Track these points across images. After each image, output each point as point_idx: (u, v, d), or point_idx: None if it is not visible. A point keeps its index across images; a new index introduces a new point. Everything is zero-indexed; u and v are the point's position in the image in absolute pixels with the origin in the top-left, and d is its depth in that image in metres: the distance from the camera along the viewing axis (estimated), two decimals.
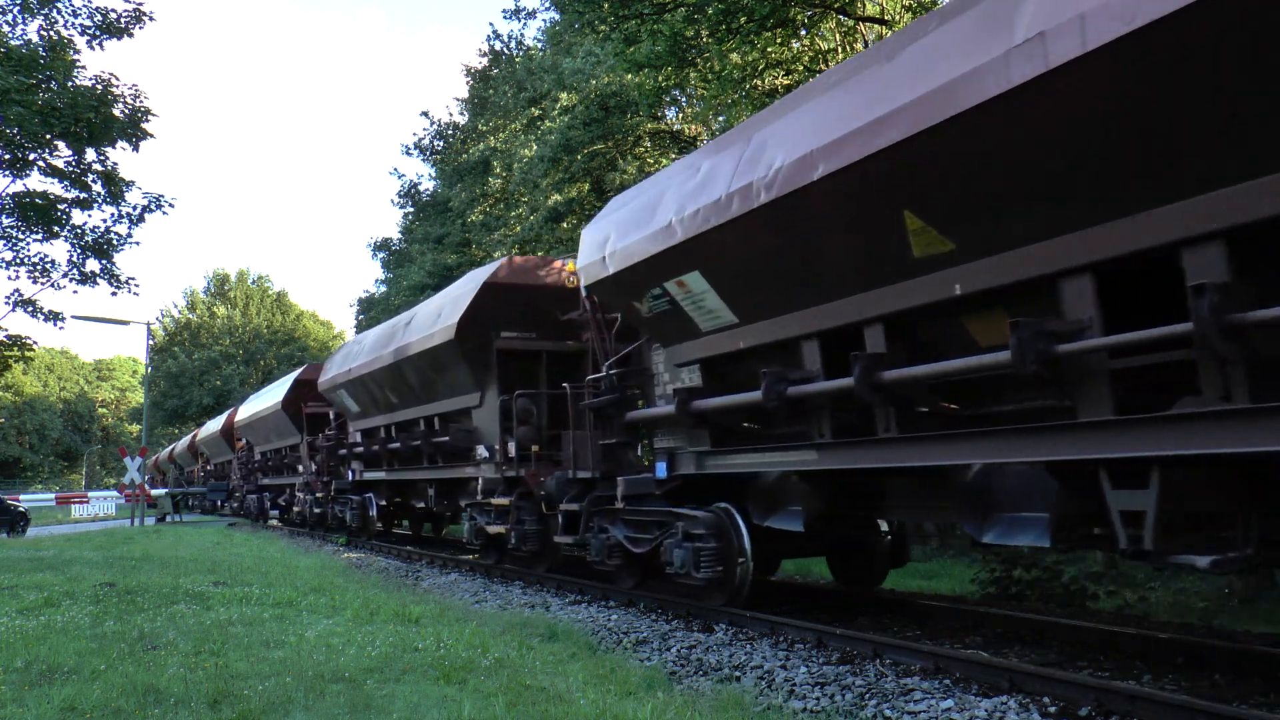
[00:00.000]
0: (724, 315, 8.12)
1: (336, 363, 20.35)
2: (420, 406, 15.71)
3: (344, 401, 19.66)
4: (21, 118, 16.46)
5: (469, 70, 35.12)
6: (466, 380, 13.65)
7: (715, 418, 8.64)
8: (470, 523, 14.11)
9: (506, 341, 13.07)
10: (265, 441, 29.54)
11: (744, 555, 8.54)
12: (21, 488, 71.88)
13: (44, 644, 6.78)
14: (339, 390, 19.48)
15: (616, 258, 9.10)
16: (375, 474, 18.38)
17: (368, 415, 18.62)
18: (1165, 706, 4.98)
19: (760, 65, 16.14)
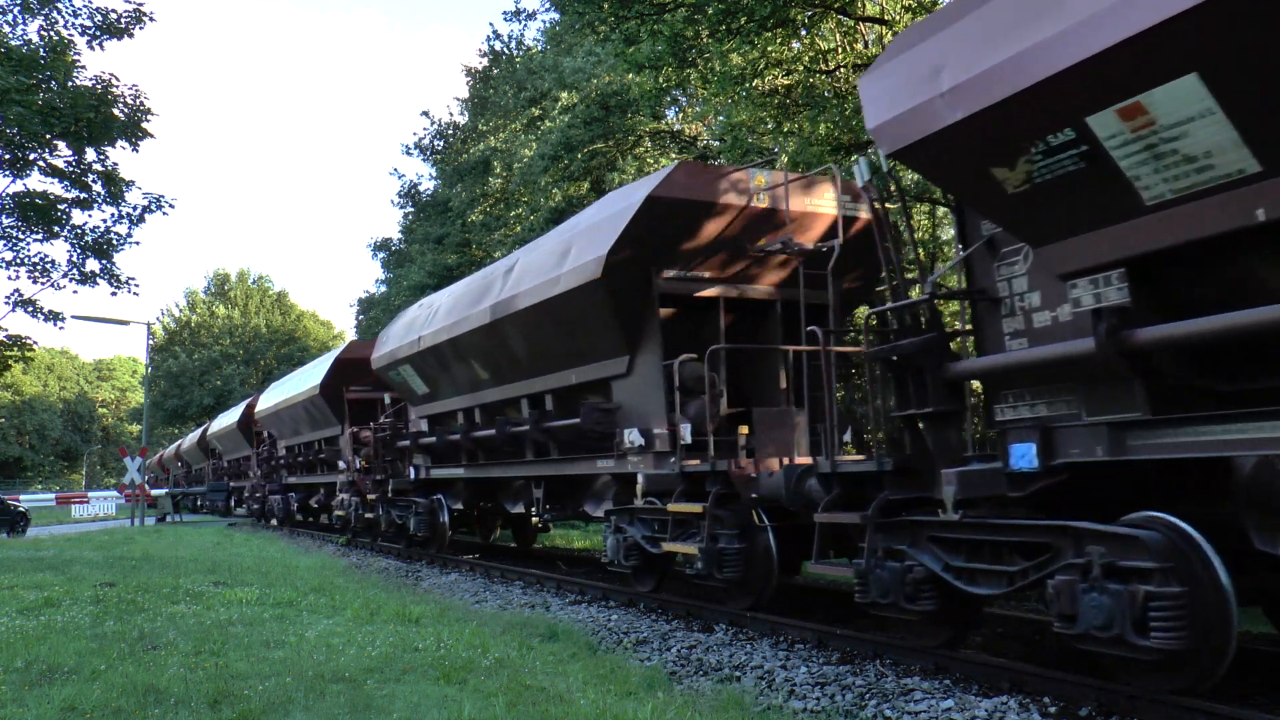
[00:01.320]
0: (1228, 159, 4.39)
1: (396, 333, 16.56)
2: (527, 381, 12.11)
3: (408, 381, 15.96)
4: (22, 118, 16.45)
5: (469, 70, 35.13)
6: (613, 339, 9.95)
7: (1181, 361, 5.04)
8: (616, 535, 10.12)
9: (673, 284, 9.52)
10: (293, 434, 25.88)
11: (1225, 612, 4.78)
12: (22, 488, 71.88)
13: (44, 644, 6.78)
14: (401, 367, 15.86)
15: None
16: (449, 470, 15.03)
17: (441, 397, 15.13)
18: (1166, 706, 4.98)
19: (760, 65, 16.13)
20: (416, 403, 16.13)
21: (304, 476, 26.88)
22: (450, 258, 32.74)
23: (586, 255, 9.76)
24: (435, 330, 14.05)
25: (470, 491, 15.34)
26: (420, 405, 15.98)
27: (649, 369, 9.55)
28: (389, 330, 17.35)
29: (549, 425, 11.35)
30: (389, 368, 16.41)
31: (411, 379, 15.71)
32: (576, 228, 10.76)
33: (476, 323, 12.43)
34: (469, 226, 30.85)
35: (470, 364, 13.38)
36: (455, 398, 14.42)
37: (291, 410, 25.93)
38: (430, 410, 15.58)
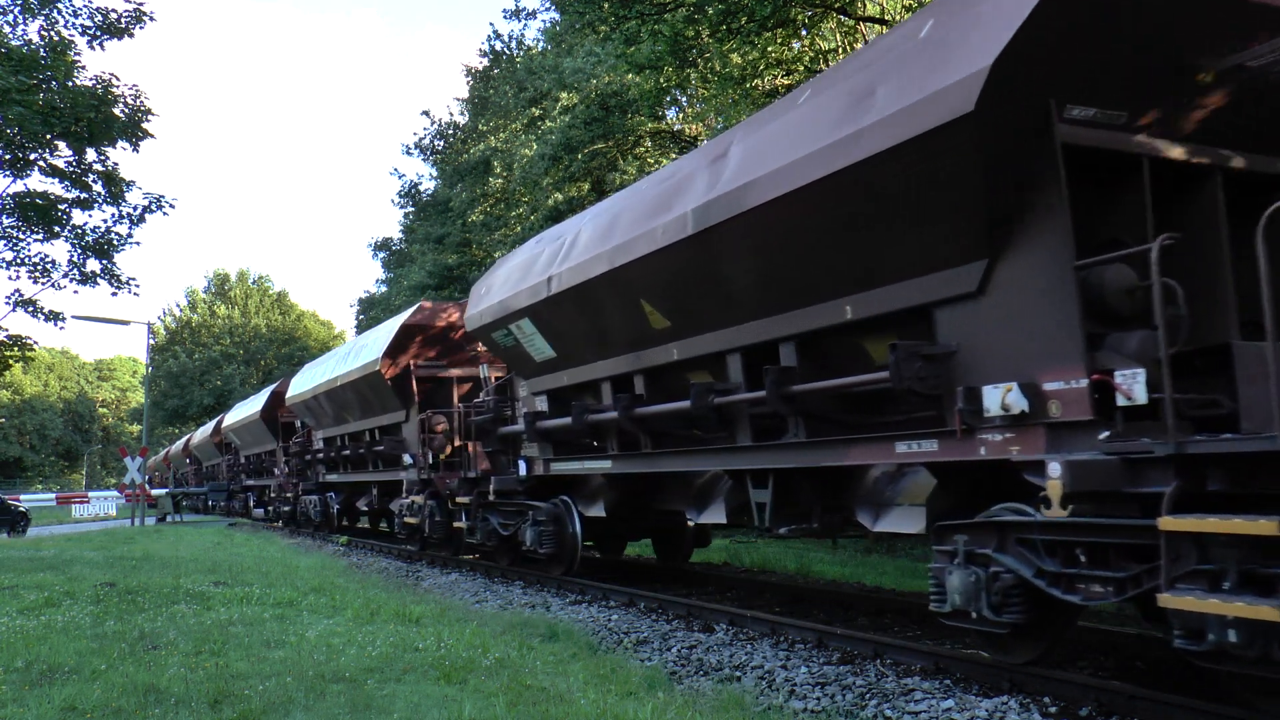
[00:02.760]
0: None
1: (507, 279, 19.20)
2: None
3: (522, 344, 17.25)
4: (22, 118, 16.45)
5: (469, 70, 35.13)
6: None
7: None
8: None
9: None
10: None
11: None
12: (22, 488, 71.86)
13: (44, 644, 6.78)
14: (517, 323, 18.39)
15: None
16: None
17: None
18: (1165, 706, 4.98)
19: (761, 65, 16.14)
20: (532, 373, 11.99)
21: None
22: (450, 258, 32.75)
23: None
24: (579, 264, 9.88)
25: (619, 493, 11.16)
26: (539, 376, 11.83)
27: (1035, 278, 5.51)
28: (490, 279, 13.02)
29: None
30: (496, 325, 12.01)
31: (532, 340, 11.47)
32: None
33: (666, 239, 8.23)
34: (469, 226, 30.85)
35: (642, 306, 9.16)
36: (606, 360, 10.23)
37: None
38: (556, 383, 11.41)
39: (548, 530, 11.34)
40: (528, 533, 11.65)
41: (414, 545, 16.98)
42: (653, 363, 9.06)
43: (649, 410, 8.97)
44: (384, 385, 16.66)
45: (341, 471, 21.09)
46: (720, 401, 7.81)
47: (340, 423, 20.62)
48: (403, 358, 16.43)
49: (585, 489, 11.32)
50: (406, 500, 16.38)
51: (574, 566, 11.42)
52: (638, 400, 9.29)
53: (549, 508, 11.44)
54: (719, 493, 9.08)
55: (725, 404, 7.80)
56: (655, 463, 9.37)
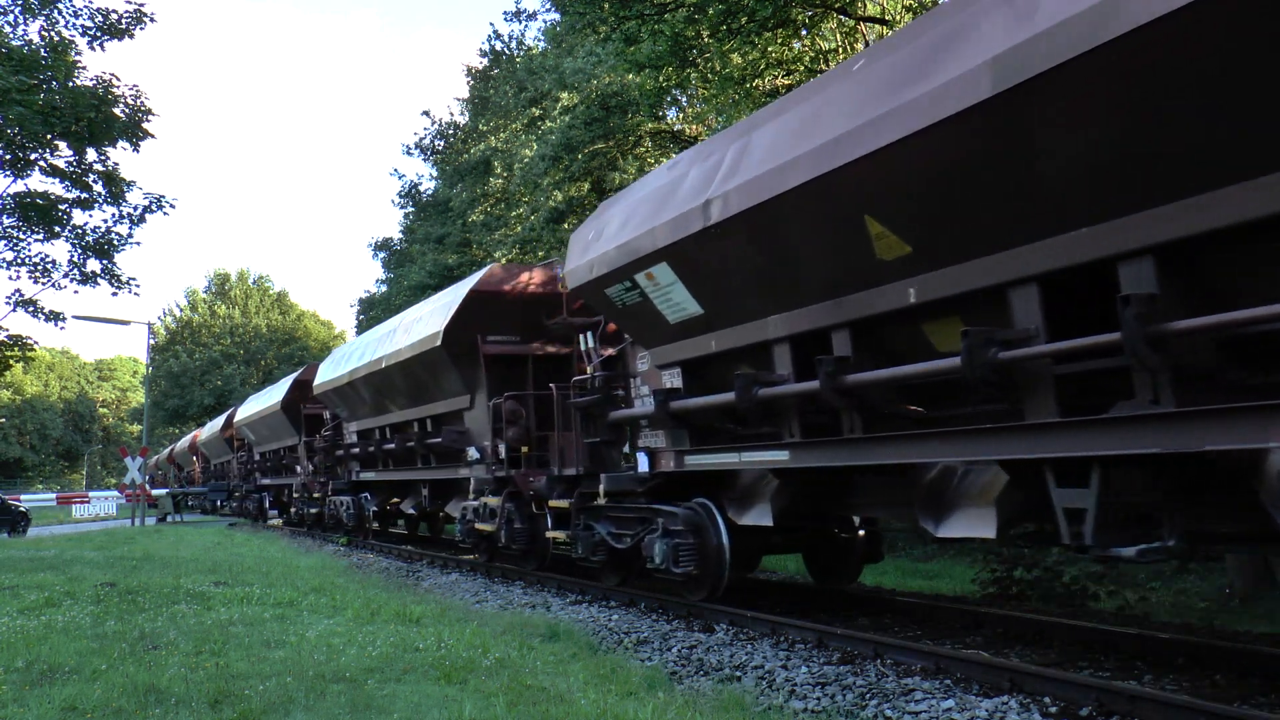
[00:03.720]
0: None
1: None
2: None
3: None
4: (23, 118, 16.46)
5: (469, 70, 35.14)
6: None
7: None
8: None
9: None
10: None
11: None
12: (22, 488, 71.89)
13: (45, 644, 6.78)
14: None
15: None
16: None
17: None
18: (1166, 706, 4.98)
19: (761, 65, 16.14)
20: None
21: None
22: (451, 258, 32.74)
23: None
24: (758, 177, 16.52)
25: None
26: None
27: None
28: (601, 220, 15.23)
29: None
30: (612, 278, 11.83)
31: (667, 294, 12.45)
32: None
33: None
34: (469, 226, 30.85)
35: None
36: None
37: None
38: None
39: (685, 544, 8.89)
40: (656, 546, 9.08)
41: (481, 555, 14.29)
42: (868, 310, 6.55)
43: (869, 378, 6.46)
44: (445, 365, 13.91)
45: (380, 468, 18.32)
46: (1008, 357, 5.41)
47: (380, 412, 17.96)
48: (469, 331, 13.36)
49: (736, 489, 9.08)
50: (475, 502, 13.81)
51: (720, 589, 8.83)
52: (843, 366, 6.66)
53: (687, 514, 9.01)
54: (976, 492, 6.52)
55: (1016, 360, 5.42)
56: (868, 452, 6.79)
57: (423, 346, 14.23)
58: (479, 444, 13.66)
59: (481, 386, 13.52)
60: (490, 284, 13.54)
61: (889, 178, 5.86)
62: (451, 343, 13.45)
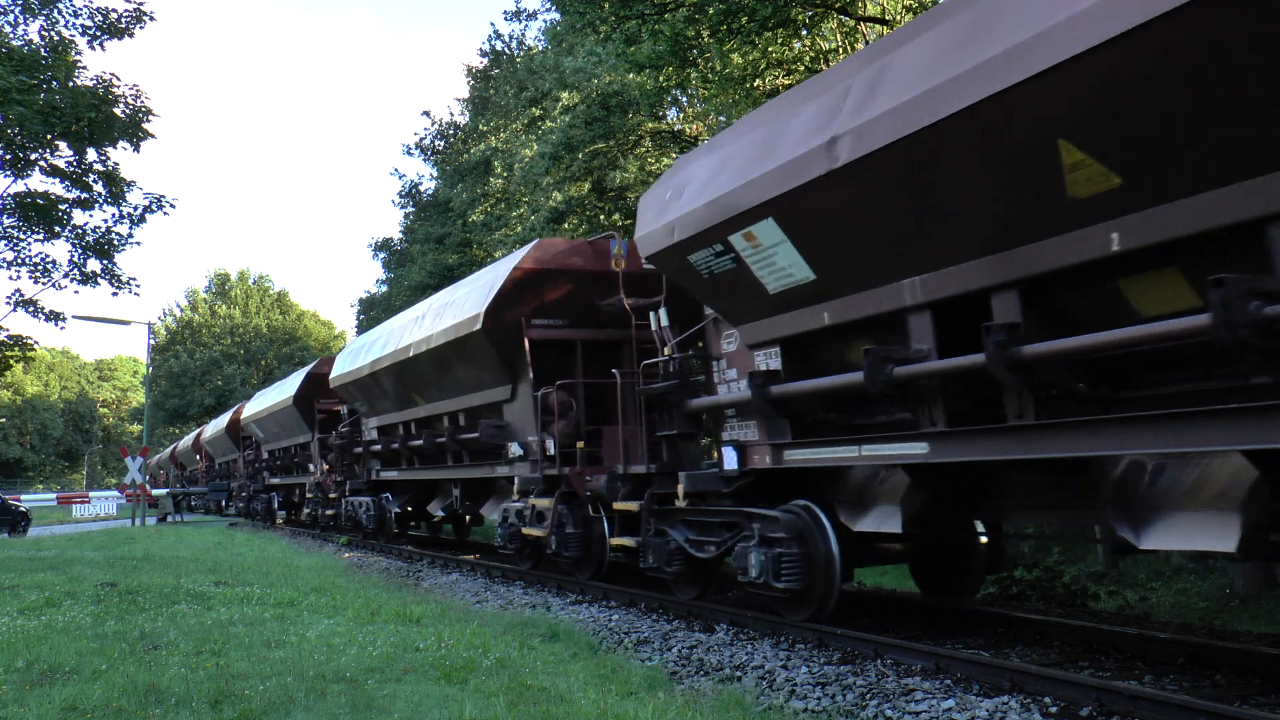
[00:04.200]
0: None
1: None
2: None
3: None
4: (23, 117, 16.46)
5: (469, 70, 35.14)
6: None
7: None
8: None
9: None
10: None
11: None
12: (23, 488, 71.85)
13: (45, 644, 6.78)
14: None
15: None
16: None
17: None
18: (1167, 706, 4.98)
19: (761, 65, 16.13)
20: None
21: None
22: (451, 258, 32.72)
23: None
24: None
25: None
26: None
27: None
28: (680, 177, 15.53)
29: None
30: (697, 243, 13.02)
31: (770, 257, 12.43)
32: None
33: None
34: (470, 226, 30.84)
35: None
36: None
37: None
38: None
39: (789, 554, 7.51)
40: (751, 557, 7.78)
41: (524, 562, 12.94)
42: (1048, 264, 5.32)
43: (1057, 348, 5.19)
44: (484, 352, 12.48)
45: (404, 467, 17.04)
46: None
47: (405, 406, 16.52)
48: (513, 314, 11.99)
49: (848, 488, 7.73)
50: (519, 504, 12.45)
51: (828, 607, 7.54)
52: (1015, 335, 5.39)
53: (790, 519, 7.68)
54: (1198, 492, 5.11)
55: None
56: (1045, 442, 5.56)
57: (459, 331, 12.71)
58: (522, 439, 12.34)
59: (525, 375, 12.07)
60: (537, 261, 11.92)
61: (1101, 87, 4.58)
62: (493, 326, 12.00)
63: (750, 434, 8.28)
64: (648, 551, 9.39)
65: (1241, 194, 4.31)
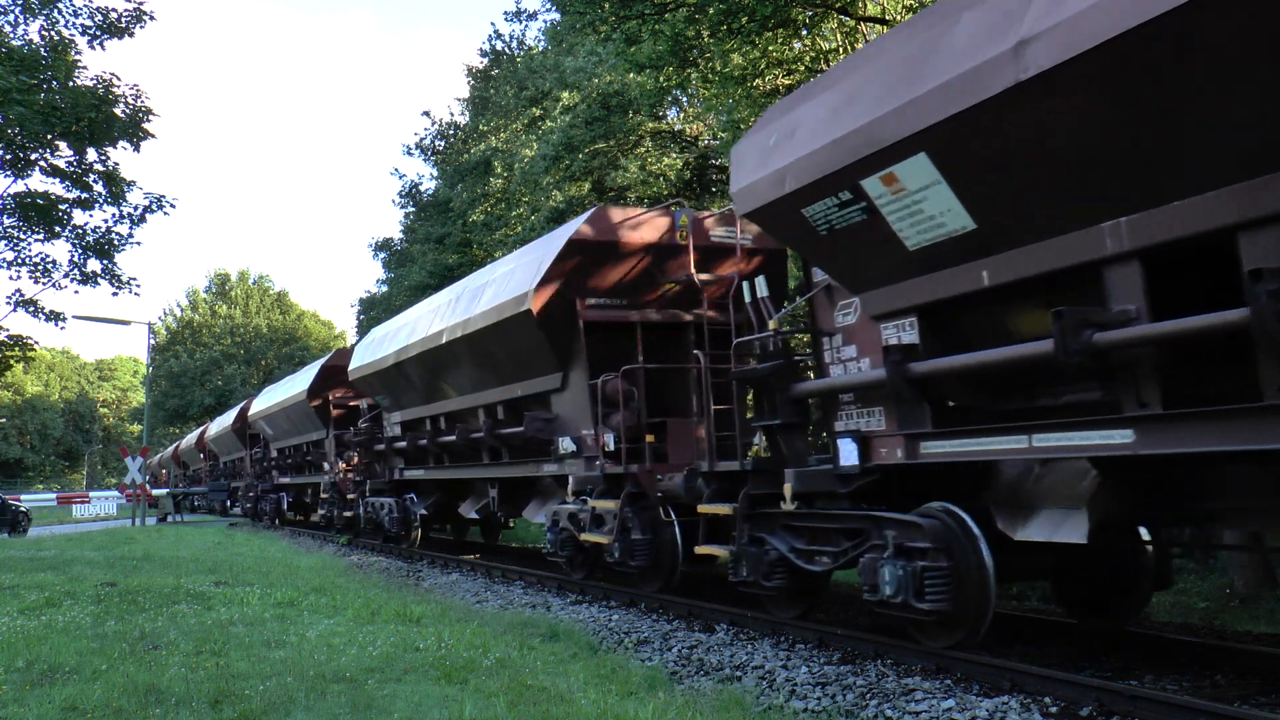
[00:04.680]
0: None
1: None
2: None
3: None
4: (23, 117, 16.46)
5: (470, 70, 35.17)
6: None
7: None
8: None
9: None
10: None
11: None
12: (23, 488, 71.86)
13: (45, 644, 6.78)
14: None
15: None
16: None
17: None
18: (1167, 706, 4.98)
19: (761, 65, 16.14)
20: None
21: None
22: (451, 258, 32.73)
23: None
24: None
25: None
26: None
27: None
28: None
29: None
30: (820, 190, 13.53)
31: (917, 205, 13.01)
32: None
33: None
34: (470, 226, 30.84)
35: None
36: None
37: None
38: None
39: (935, 569, 6.14)
40: (884, 571, 6.41)
41: (577, 572, 11.53)
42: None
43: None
44: (532, 336, 11.06)
45: (432, 465, 15.71)
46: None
47: (435, 399, 15.00)
48: (566, 292, 10.71)
49: (1004, 488, 6.49)
50: (573, 506, 11.11)
51: (980, 632, 6.25)
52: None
53: (935, 526, 6.32)
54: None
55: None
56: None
57: (503, 313, 11.39)
58: (574, 433, 11.02)
59: (579, 362, 10.79)
60: (595, 232, 10.58)
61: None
62: (543, 306, 10.67)
63: (874, 423, 6.94)
64: (741, 563, 7.97)
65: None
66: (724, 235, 10.72)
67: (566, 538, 11.28)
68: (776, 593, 7.83)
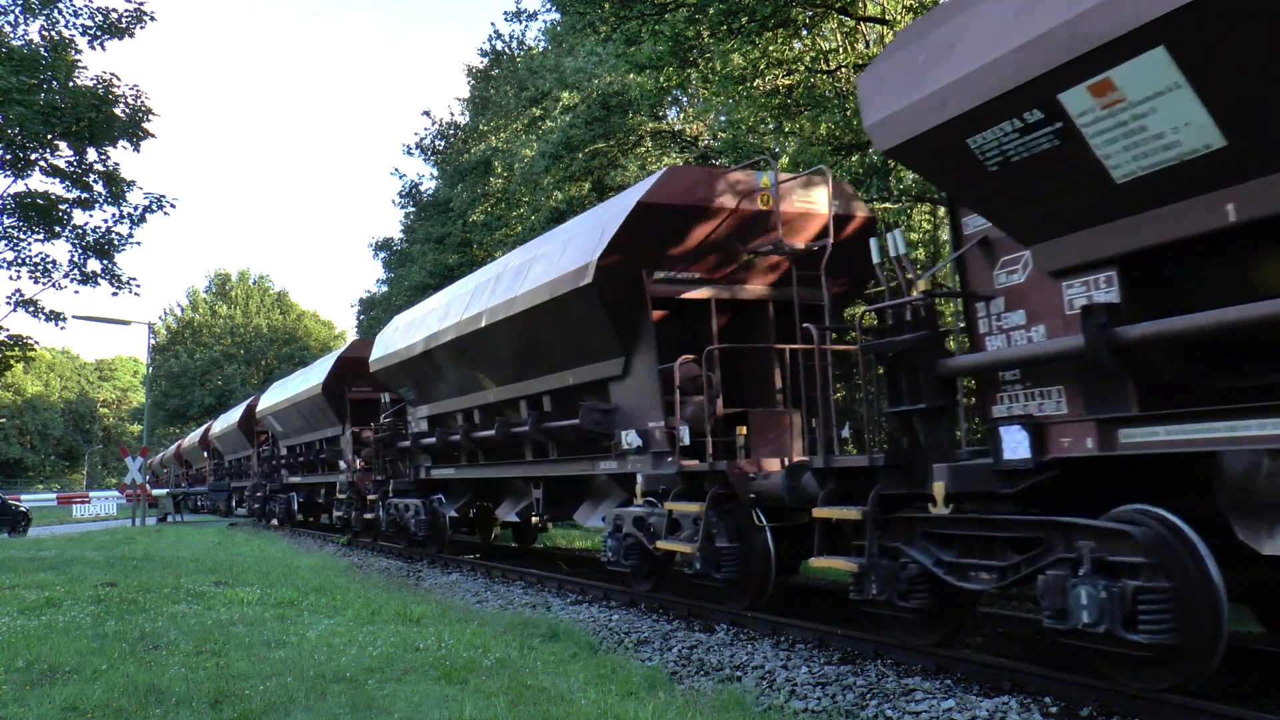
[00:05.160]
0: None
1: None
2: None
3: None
4: (23, 118, 16.47)
5: (470, 70, 35.19)
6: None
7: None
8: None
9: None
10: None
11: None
12: (23, 488, 71.88)
13: (45, 644, 6.79)
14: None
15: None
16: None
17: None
18: (1167, 707, 4.98)
19: (761, 65, 16.14)
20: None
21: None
22: (451, 258, 32.76)
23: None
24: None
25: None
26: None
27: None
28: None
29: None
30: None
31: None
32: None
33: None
34: (470, 226, 30.87)
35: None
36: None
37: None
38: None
39: (1153, 591, 4.88)
40: (1079, 593, 5.10)
41: (641, 584, 10.07)
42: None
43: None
44: (592, 314, 9.75)
45: (464, 464, 14.34)
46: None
47: (469, 390, 13.61)
48: (631, 264, 9.36)
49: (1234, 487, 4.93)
50: (640, 509, 9.60)
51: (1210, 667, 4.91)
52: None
53: (1148, 535, 5.01)
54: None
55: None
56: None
57: (557, 289, 10.01)
58: (640, 425, 9.68)
59: (646, 344, 9.47)
60: (667, 195, 9.17)
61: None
62: (607, 280, 9.29)
63: (1052, 406, 5.58)
64: (870, 578, 6.57)
65: None
66: (809, 202, 9.69)
67: (632, 545, 9.61)
68: (914, 614, 6.42)
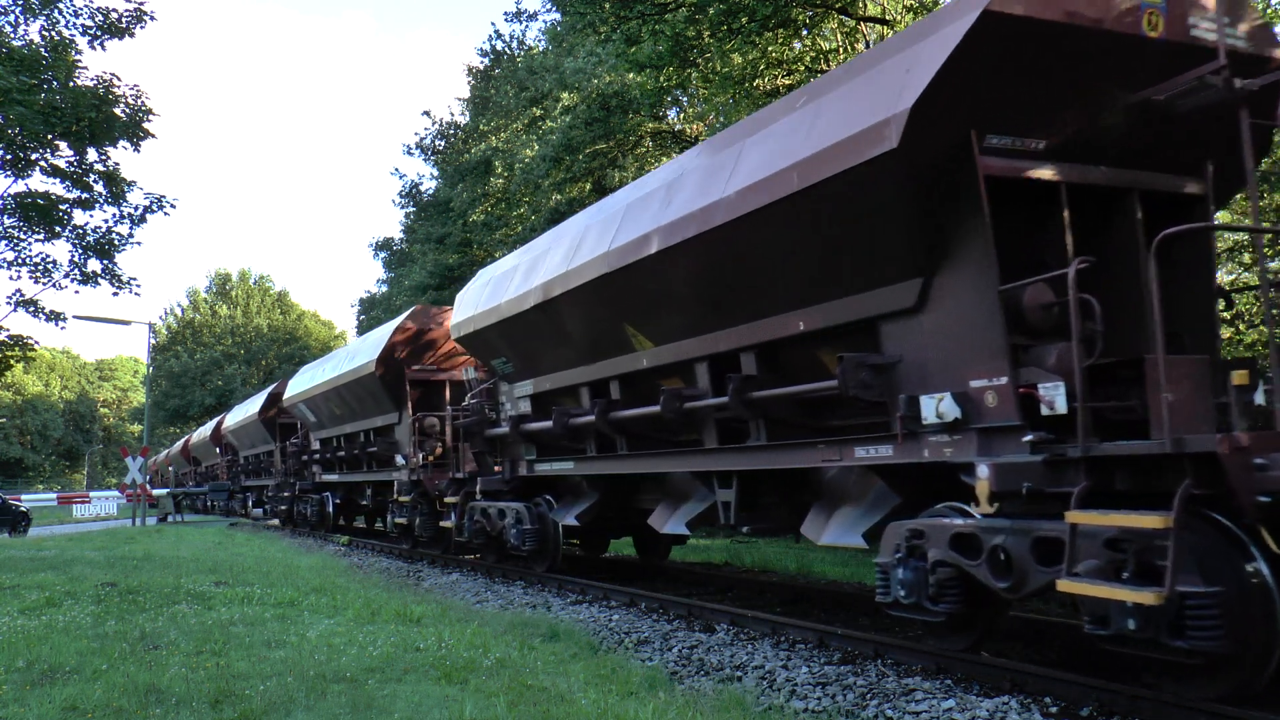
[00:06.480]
0: None
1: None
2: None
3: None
4: (23, 118, 16.45)
5: (470, 70, 35.18)
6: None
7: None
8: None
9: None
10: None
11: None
12: (23, 488, 71.89)
13: (46, 644, 6.78)
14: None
15: None
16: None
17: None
18: (1167, 706, 4.98)
19: (761, 65, 16.15)
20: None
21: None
22: (451, 258, 32.76)
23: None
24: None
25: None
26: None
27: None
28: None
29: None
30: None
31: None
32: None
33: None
34: (470, 226, 30.87)
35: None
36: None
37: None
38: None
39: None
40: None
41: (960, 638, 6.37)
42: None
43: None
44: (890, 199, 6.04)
45: (593, 455, 10.76)
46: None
47: (603, 354, 10.19)
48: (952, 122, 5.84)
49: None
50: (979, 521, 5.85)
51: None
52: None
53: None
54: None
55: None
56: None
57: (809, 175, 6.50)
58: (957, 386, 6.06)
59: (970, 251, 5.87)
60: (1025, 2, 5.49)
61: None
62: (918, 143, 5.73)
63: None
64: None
65: None
66: (1208, 28, 6.00)
67: (947, 580, 6.01)
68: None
